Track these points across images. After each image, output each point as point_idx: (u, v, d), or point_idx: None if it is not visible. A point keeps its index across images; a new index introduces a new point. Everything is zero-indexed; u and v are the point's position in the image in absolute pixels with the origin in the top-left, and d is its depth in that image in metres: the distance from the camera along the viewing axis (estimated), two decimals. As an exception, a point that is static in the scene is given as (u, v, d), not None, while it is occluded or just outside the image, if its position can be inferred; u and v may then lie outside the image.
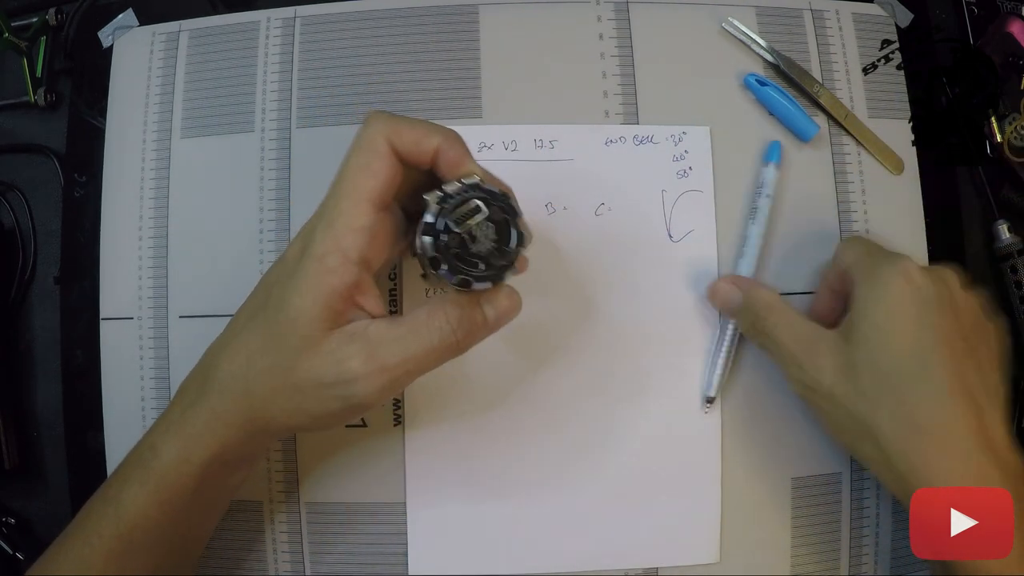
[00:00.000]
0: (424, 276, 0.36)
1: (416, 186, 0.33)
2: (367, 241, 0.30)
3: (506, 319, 0.32)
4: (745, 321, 0.39)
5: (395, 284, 0.41)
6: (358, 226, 0.30)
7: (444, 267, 0.29)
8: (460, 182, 0.30)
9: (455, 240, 0.29)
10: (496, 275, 0.30)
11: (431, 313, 0.31)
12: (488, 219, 0.30)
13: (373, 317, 0.31)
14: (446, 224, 0.29)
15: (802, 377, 0.36)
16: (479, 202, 0.30)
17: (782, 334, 0.37)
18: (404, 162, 0.31)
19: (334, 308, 0.30)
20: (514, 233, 0.30)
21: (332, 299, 0.30)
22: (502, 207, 0.30)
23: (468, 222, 0.29)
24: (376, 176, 0.30)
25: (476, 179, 0.30)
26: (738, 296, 0.39)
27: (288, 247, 0.33)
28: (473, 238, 0.30)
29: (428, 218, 0.29)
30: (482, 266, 0.30)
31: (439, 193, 0.30)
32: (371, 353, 0.30)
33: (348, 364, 0.30)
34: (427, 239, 0.29)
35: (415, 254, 0.33)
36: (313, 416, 0.32)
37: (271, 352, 0.31)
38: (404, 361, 0.30)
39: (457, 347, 0.31)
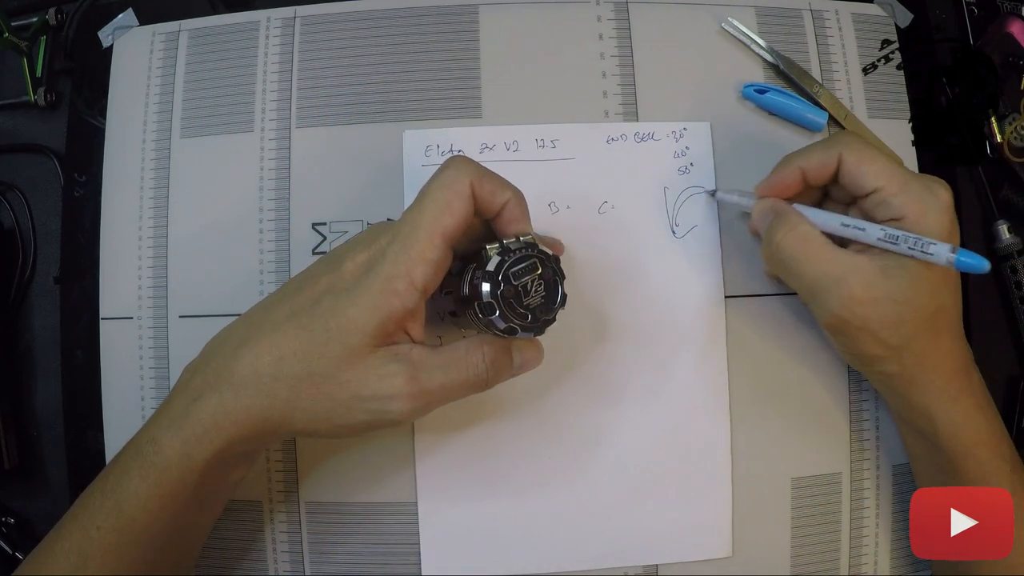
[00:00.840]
0: (453, 314, 0.39)
1: (469, 233, 0.34)
2: (433, 273, 0.32)
3: (529, 368, 0.35)
4: (764, 246, 0.37)
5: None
6: (430, 258, 0.31)
7: (496, 313, 0.32)
8: (519, 239, 0.33)
9: (511, 291, 0.32)
10: (539, 328, 0.33)
11: (469, 349, 0.33)
12: (540, 277, 0.33)
13: (414, 342, 0.33)
14: (506, 276, 0.32)
15: (833, 308, 0.35)
16: (537, 261, 0.33)
17: (805, 266, 0.35)
18: (475, 206, 0.33)
19: (387, 329, 0.32)
20: (560, 294, 0.33)
21: (389, 320, 0.31)
22: (553, 269, 0.33)
23: (525, 277, 0.33)
24: (455, 216, 0.32)
25: (531, 238, 0.33)
26: (769, 217, 0.37)
27: (342, 258, 0.33)
28: (526, 292, 0.33)
29: (490, 267, 0.32)
30: (529, 318, 0.33)
31: (500, 246, 0.33)
32: (414, 375, 0.32)
33: (392, 381, 0.31)
34: (487, 286, 0.32)
35: (447, 292, 0.36)
36: (335, 425, 0.32)
37: (310, 358, 0.32)
38: (442, 388, 0.32)
39: (485, 384, 0.34)
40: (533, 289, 0.33)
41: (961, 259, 0.32)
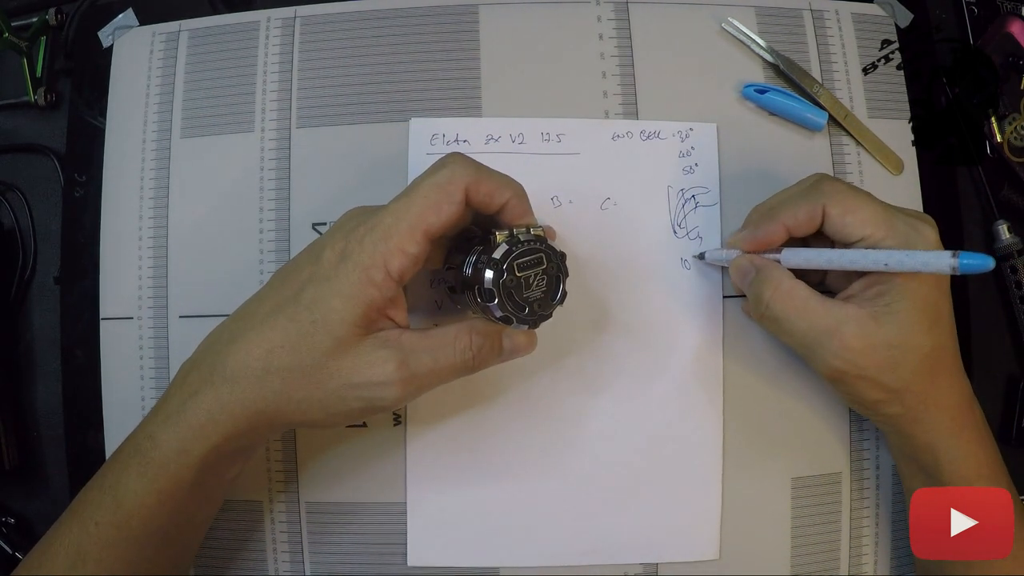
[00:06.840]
0: (452, 289, 0.38)
1: (461, 223, 0.35)
2: (412, 265, 0.32)
3: (519, 355, 0.35)
4: (752, 306, 0.37)
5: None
6: (409, 252, 0.32)
7: (495, 301, 0.32)
8: (528, 230, 0.34)
9: (513, 281, 0.33)
10: (534, 321, 0.34)
11: (458, 334, 0.33)
12: (544, 272, 0.33)
13: (399, 327, 0.33)
14: (511, 266, 0.33)
15: (829, 361, 0.35)
16: (544, 255, 0.33)
17: (796, 322, 0.35)
18: (470, 206, 0.33)
19: (369, 317, 0.32)
20: (561, 291, 0.34)
21: (370, 309, 0.32)
22: (557, 265, 0.34)
23: (529, 271, 0.33)
24: (441, 217, 0.32)
25: (542, 232, 0.34)
26: (750, 275, 0.37)
27: (323, 247, 0.33)
28: (528, 285, 0.33)
29: (496, 255, 0.32)
30: (526, 311, 0.33)
31: (509, 235, 0.33)
32: (404, 360, 0.32)
33: (383, 368, 0.32)
34: (490, 273, 0.32)
35: (449, 267, 0.37)
36: (330, 414, 0.33)
37: (298, 349, 0.32)
38: (431, 372, 0.33)
39: (472, 369, 0.34)
40: (535, 283, 0.33)
41: (964, 261, 0.31)
